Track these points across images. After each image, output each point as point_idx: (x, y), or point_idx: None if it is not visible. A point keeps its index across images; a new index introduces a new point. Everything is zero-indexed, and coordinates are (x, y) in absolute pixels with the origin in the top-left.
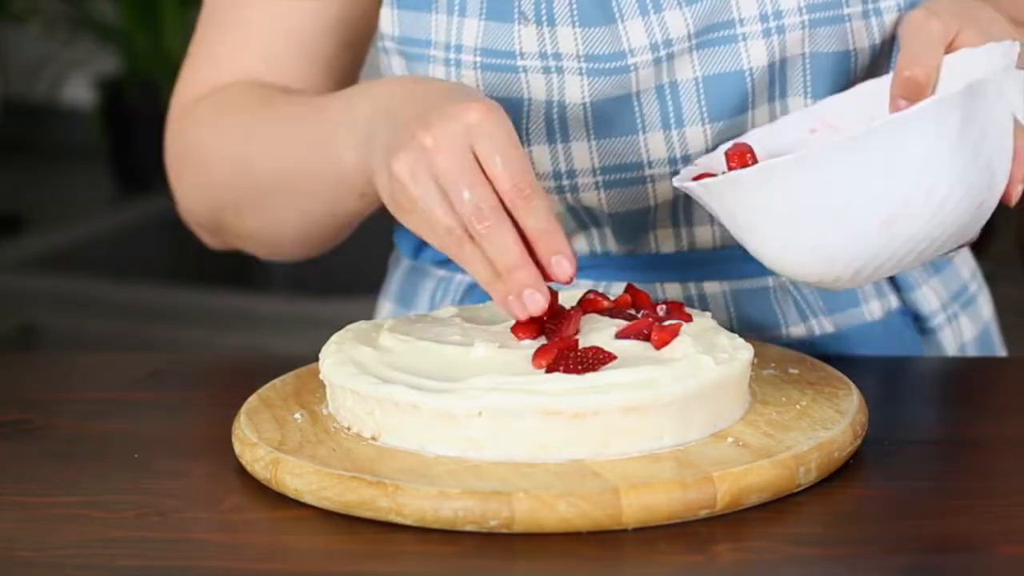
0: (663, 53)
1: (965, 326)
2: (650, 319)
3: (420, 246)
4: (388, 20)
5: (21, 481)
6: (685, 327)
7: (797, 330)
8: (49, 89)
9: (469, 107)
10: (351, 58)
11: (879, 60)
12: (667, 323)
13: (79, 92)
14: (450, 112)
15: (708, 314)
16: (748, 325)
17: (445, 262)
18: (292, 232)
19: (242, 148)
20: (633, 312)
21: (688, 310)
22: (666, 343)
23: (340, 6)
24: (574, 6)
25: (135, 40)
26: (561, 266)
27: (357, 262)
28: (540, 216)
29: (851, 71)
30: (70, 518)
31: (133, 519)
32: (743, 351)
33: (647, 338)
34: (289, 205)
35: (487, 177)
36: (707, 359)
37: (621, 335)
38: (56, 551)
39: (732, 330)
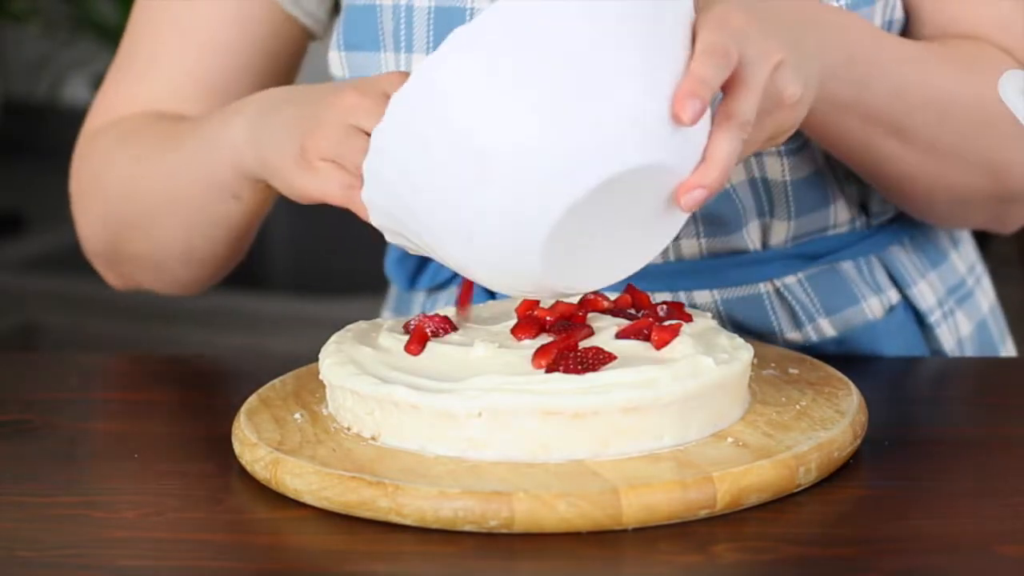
0: None
1: (961, 322)
2: (650, 319)
3: (412, 279)
4: (337, 63)
5: (21, 481)
6: (685, 327)
7: (794, 336)
8: (49, 89)
9: (346, 93)
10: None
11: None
12: (667, 323)
13: (79, 92)
14: (329, 100)
15: (708, 314)
16: (742, 333)
17: (439, 288)
18: (178, 253)
19: (130, 172)
20: (633, 312)
21: (688, 310)
22: (666, 343)
23: (252, 46)
24: None
25: None
26: None
27: (357, 262)
28: None
29: None
30: (70, 518)
31: (133, 519)
32: (743, 351)
33: (647, 338)
34: (172, 223)
35: None
36: (707, 359)
37: (621, 335)
38: (56, 551)
39: None
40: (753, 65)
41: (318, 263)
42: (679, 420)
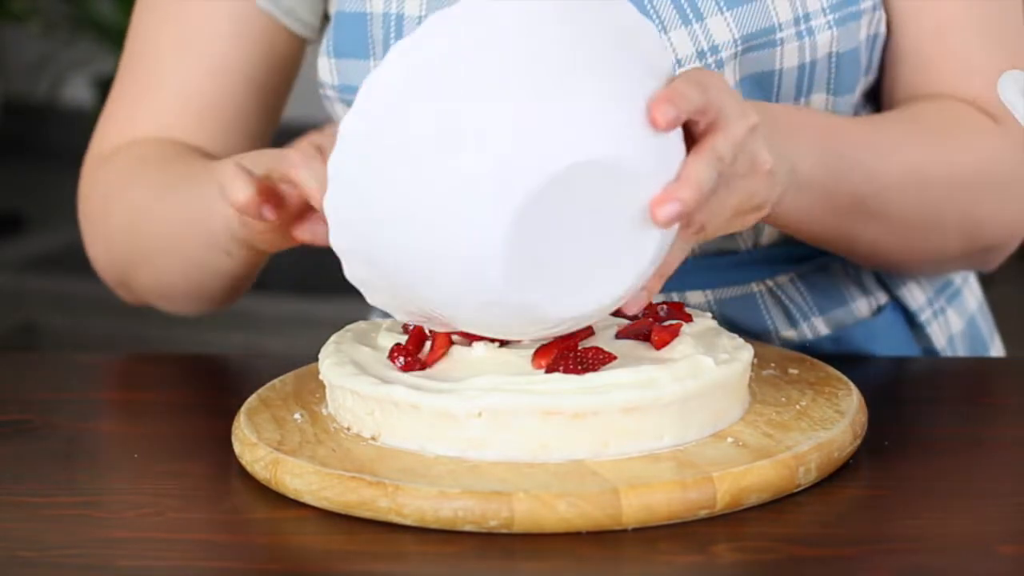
0: (710, 60)
1: (952, 319)
2: (650, 319)
3: None
4: (327, 70)
5: (21, 481)
6: (685, 327)
7: (789, 335)
8: (49, 89)
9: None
10: (265, 110)
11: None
12: (667, 323)
13: (79, 92)
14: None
15: (708, 315)
16: (736, 332)
17: None
18: (181, 289)
19: (137, 205)
20: None
21: (688, 310)
22: (666, 343)
23: (251, 61)
24: None
25: None
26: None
27: None
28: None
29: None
30: (70, 518)
31: (133, 519)
32: (743, 351)
33: (647, 338)
34: (172, 265)
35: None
36: (707, 359)
37: (621, 335)
38: (56, 551)
39: None
40: (731, 118)
41: (318, 263)
42: (679, 420)
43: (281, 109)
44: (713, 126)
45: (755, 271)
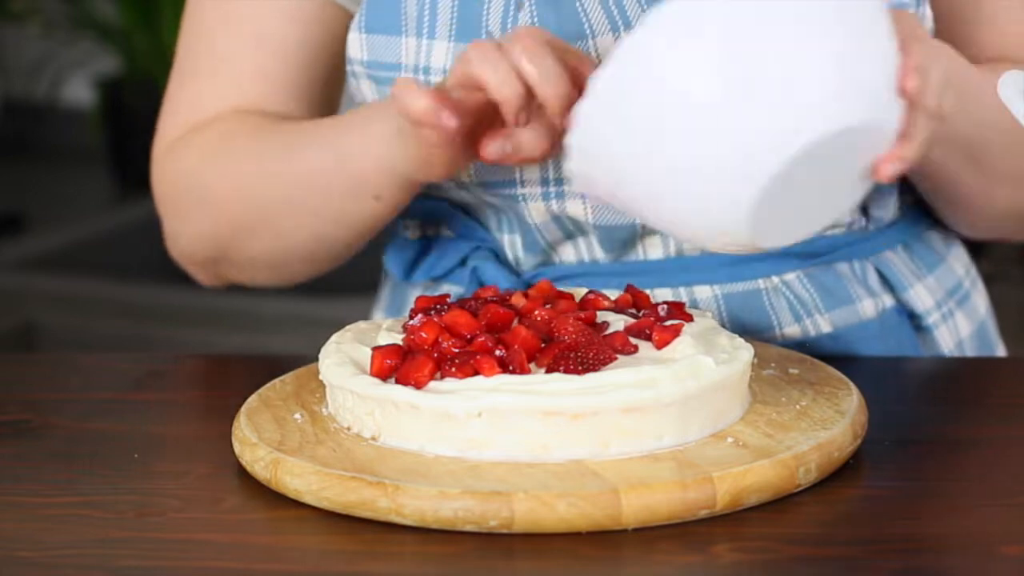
0: None
1: (961, 323)
2: (651, 319)
3: (410, 268)
4: (356, 45)
5: (21, 481)
6: (686, 327)
7: (792, 331)
8: (49, 89)
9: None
10: (327, 82)
11: None
12: (668, 323)
13: (79, 92)
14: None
15: (709, 313)
16: (741, 328)
17: (437, 280)
18: (301, 252)
19: (245, 172)
20: (634, 312)
21: (689, 310)
22: (667, 343)
23: (307, 37)
24: (539, 25)
25: (135, 40)
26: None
27: (357, 262)
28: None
29: None
30: (70, 518)
31: (133, 519)
32: (743, 351)
33: (648, 338)
34: (300, 223)
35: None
36: (707, 359)
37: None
38: (56, 551)
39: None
40: (934, 71)
41: None
42: (679, 420)
43: (342, 83)
44: (926, 82)
45: (763, 267)
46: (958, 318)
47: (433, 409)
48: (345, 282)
